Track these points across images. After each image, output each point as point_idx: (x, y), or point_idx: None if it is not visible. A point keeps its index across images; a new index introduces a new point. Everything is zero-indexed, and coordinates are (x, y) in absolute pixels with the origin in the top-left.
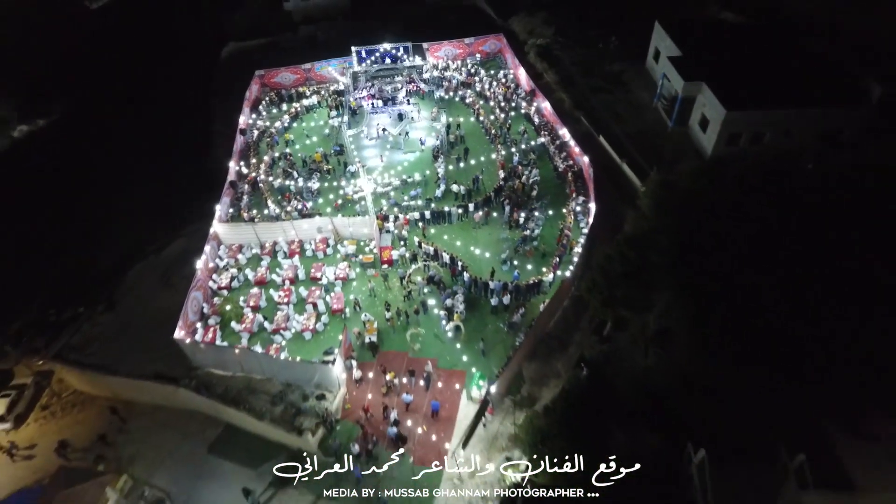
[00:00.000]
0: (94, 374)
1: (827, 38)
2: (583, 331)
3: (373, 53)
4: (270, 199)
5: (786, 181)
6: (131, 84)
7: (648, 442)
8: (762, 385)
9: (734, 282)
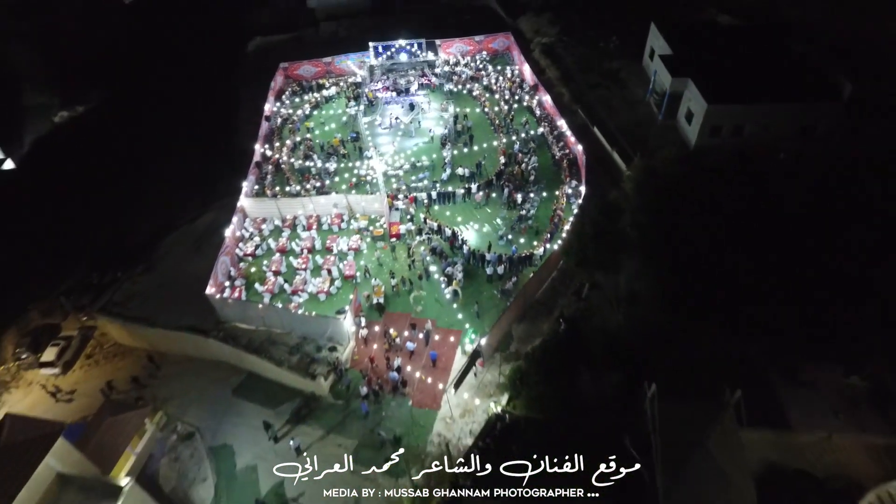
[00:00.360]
0: (134, 325)
1: (809, 39)
2: (567, 297)
3: (389, 48)
4: (292, 179)
5: (755, 168)
6: (164, 74)
7: (610, 380)
8: (714, 337)
9: (697, 252)
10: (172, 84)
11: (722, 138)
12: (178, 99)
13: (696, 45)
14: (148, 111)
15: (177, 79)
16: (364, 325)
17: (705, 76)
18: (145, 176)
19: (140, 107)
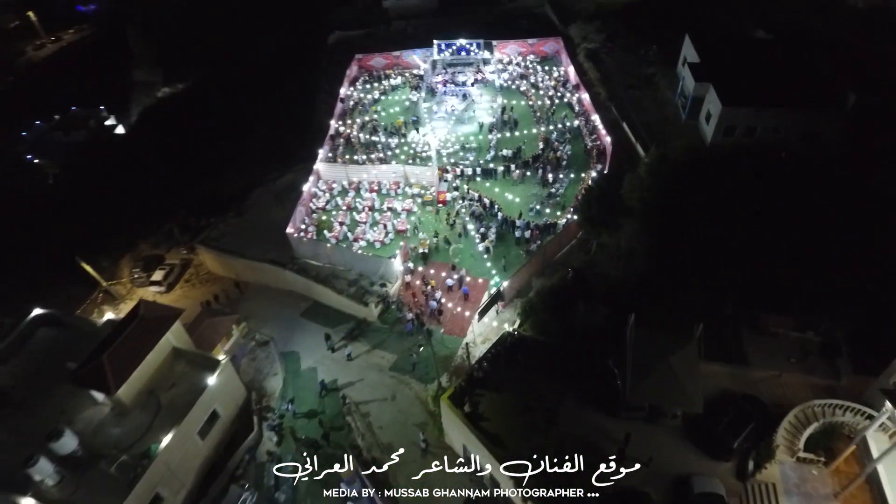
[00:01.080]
0: (226, 256)
1: (830, 53)
2: (578, 254)
3: (450, 46)
4: (359, 150)
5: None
6: (254, 59)
7: (602, 312)
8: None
9: (688, 221)
10: (262, 68)
11: (735, 137)
12: (266, 80)
13: (721, 55)
14: (239, 90)
15: (266, 63)
16: (411, 268)
17: (724, 81)
18: (236, 142)
19: (232, 86)
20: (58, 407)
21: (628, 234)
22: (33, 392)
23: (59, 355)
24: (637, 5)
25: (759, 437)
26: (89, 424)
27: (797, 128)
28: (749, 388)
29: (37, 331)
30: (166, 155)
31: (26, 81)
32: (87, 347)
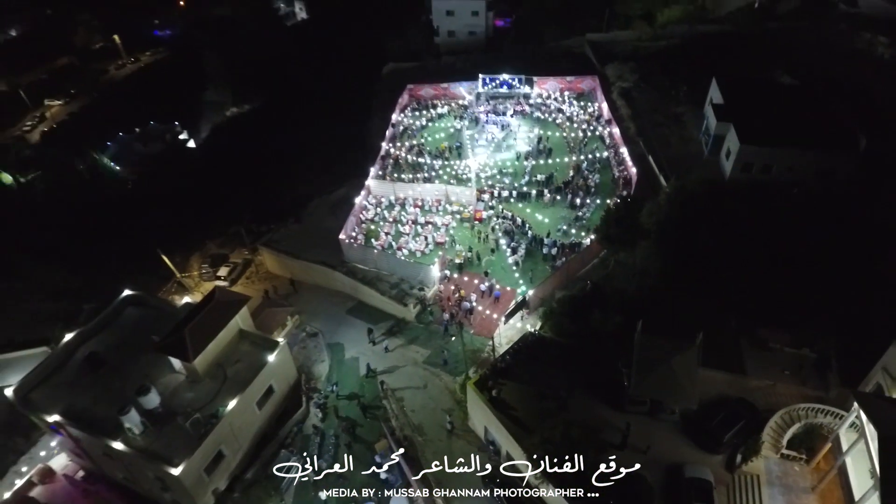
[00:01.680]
0: (284, 256)
1: (848, 98)
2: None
3: (494, 80)
4: (406, 169)
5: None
6: (316, 84)
7: (615, 320)
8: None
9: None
10: (323, 92)
11: (752, 173)
12: (326, 103)
13: (744, 97)
14: (301, 112)
15: (327, 88)
16: (447, 276)
17: (744, 121)
18: (297, 158)
19: (295, 108)
20: (142, 372)
21: (643, 254)
22: (122, 359)
23: (143, 330)
24: (671, 49)
25: (748, 435)
26: (167, 388)
27: (811, 166)
28: (744, 395)
29: (125, 309)
30: (233, 167)
31: (109, 97)
32: (167, 325)
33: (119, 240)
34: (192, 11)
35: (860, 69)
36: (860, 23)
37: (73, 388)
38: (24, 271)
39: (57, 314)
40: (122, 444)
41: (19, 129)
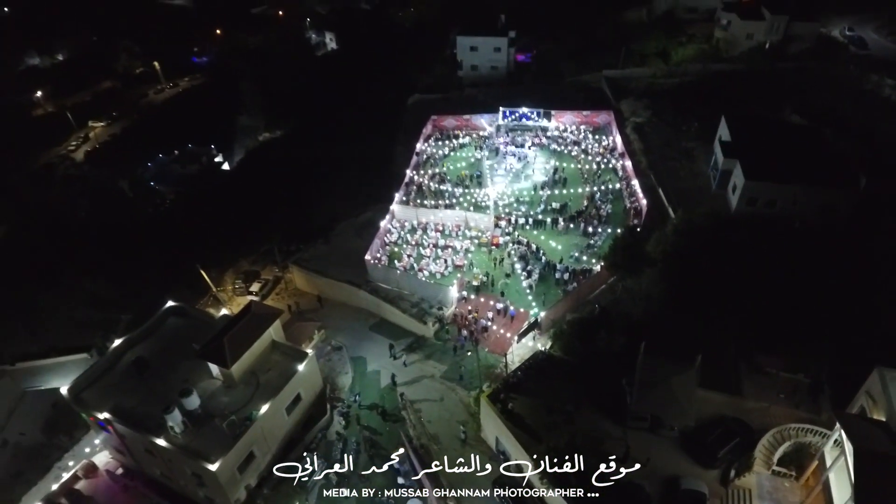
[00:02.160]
0: (312, 274)
1: (853, 137)
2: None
3: (514, 113)
4: (429, 196)
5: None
6: (345, 112)
7: (619, 341)
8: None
9: (701, 274)
10: (352, 120)
11: (757, 208)
12: (354, 131)
13: (750, 135)
14: (331, 138)
15: (355, 117)
16: (464, 297)
17: (749, 158)
18: (326, 182)
19: (325, 134)
20: (182, 376)
21: (649, 281)
22: (165, 364)
23: (184, 338)
24: (685, 86)
25: (742, 452)
26: (206, 392)
27: (813, 202)
28: (741, 415)
29: (168, 318)
30: (265, 190)
31: (148, 119)
32: (206, 334)
33: (157, 255)
34: (229, 40)
35: (867, 109)
36: (869, 65)
37: (120, 389)
38: (69, 282)
39: (97, 323)
40: (164, 441)
41: (65, 149)
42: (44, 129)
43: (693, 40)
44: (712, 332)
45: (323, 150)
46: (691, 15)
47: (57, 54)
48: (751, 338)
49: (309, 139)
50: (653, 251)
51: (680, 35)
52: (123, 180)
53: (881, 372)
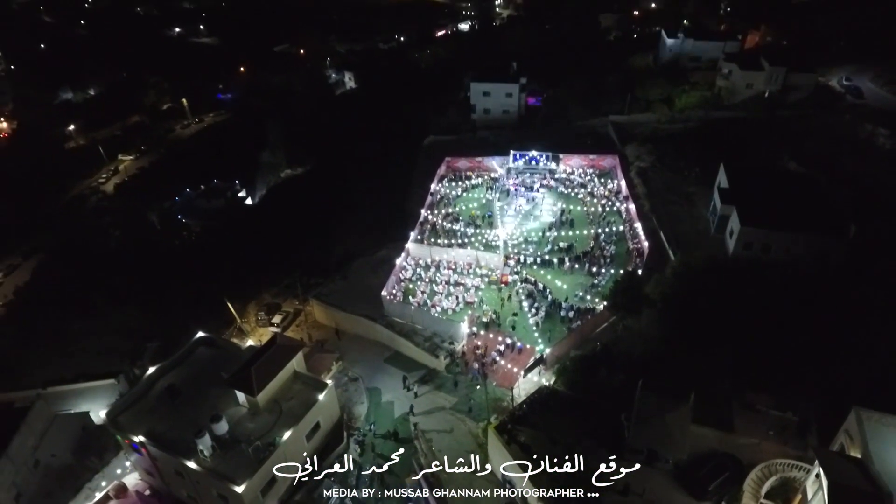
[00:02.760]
0: (331, 308)
1: (847, 186)
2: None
3: (524, 156)
4: (442, 235)
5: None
6: (362, 152)
7: (619, 377)
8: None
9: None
10: (369, 160)
11: (753, 252)
12: (371, 171)
13: (747, 182)
14: (349, 177)
15: (371, 156)
16: (475, 333)
17: (745, 205)
18: (344, 219)
19: (343, 173)
20: (211, 403)
21: (648, 321)
22: (194, 391)
23: (213, 367)
24: (687, 132)
25: (732, 485)
26: (232, 418)
27: (805, 248)
28: (733, 451)
29: (198, 348)
30: (286, 224)
31: (175, 153)
32: (233, 364)
33: (183, 285)
34: (252, 78)
35: (861, 158)
36: (864, 114)
37: (153, 414)
38: (100, 310)
39: (125, 350)
40: (194, 463)
41: (96, 181)
42: (76, 161)
43: (696, 88)
44: (706, 371)
45: (342, 188)
46: (695, 63)
47: (89, 89)
48: (743, 377)
49: (329, 177)
50: (652, 293)
51: (684, 82)
52: (152, 212)
53: (857, 412)
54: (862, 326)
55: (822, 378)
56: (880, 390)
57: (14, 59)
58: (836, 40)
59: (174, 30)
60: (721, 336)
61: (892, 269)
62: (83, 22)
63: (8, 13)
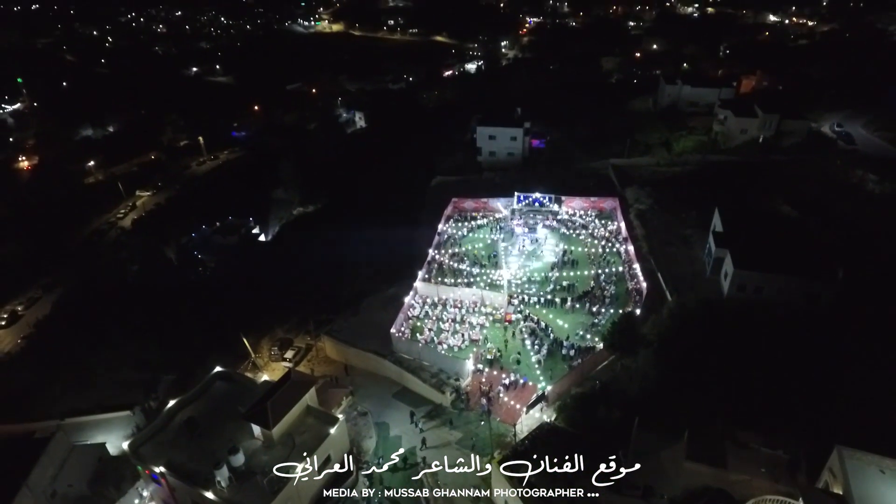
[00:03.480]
0: (341, 344)
1: (837, 229)
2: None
3: (528, 197)
4: (449, 274)
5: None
6: (372, 191)
7: (616, 414)
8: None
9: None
10: (379, 199)
11: (747, 293)
12: (380, 210)
13: (741, 226)
14: (357, 215)
15: (382, 196)
16: (479, 369)
17: (739, 249)
18: (354, 258)
19: (353, 211)
20: (227, 436)
21: (644, 361)
22: (212, 424)
23: (230, 401)
24: (685, 175)
25: None
26: (248, 450)
27: (796, 290)
28: (725, 487)
29: (215, 383)
30: (297, 262)
31: (191, 190)
32: (249, 398)
33: (198, 320)
34: (266, 117)
35: (852, 202)
36: (855, 160)
37: (173, 445)
38: (116, 343)
39: (140, 383)
40: (212, 494)
41: (114, 216)
42: (95, 196)
43: (693, 132)
44: (700, 410)
45: (352, 225)
46: (692, 108)
47: (109, 126)
48: (735, 416)
49: (340, 215)
50: (649, 333)
51: (681, 127)
52: (169, 248)
53: (839, 451)
54: (849, 367)
55: (813, 417)
56: (865, 430)
57: (37, 97)
58: (829, 87)
59: (191, 69)
60: (715, 376)
61: (879, 311)
62: (104, 61)
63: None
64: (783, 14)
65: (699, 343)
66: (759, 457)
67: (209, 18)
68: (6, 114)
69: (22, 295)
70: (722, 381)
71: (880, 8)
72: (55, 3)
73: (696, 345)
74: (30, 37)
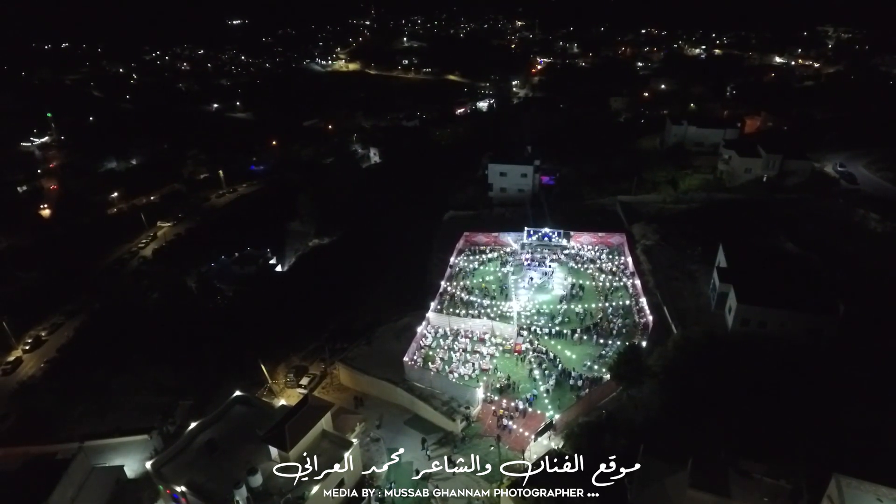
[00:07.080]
0: (355, 372)
1: (839, 266)
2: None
3: (537, 232)
4: (460, 305)
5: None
6: (386, 224)
7: (622, 443)
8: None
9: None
10: (392, 232)
11: (750, 327)
12: (394, 243)
13: (745, 262)
14: (373, 248)
15: (395, 229)
16: (490, 397)
17: (742, 284)
18: (367, 288)
19: (367, 244)
20: (246, 458)
21: (650, 391)
22: (231, 446)
23: (248, 424)
24: (690, 212)
25: None
26: (265, 472)
27: (799, 325)
28: None
29: (235, 406)
30: (314, 291)
31: (210, 221)
32: (266, 422)
33: (216, 347)
34: (283, 151)
35: (854, 241)
36: (857, 199)
37: (193, 466)
38: (136, 368)
39: (158, 407)
40: None
41: (136, 245)
42: (117, 226)
43: (699, 171)
44: (704, 439)
45: (367, 257)
46: (698, 148)
47: (132, 159)
48: (738, 445)
49: (355, 247)
50: (654, 364)
51: (687, 166)
52: (189, 277)
53: (837, 479)
54: (849, 400)
55: (814, 447)
56: (865, 459)
57: (64, 130)
58: (832, 127)
59: (212, 105)
60: (718, 406)
61: (879, 346)
62: (129, 96)
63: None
64: (789, 56)
65: (703, 374)
66: (761, 486)
67: (230, 57)
68: (34, 146)
69: (45, 321)
70: (725, 412)
71: (884, 51)
72: (84, 42)
73: (700, 376)
74: (59, 73)
